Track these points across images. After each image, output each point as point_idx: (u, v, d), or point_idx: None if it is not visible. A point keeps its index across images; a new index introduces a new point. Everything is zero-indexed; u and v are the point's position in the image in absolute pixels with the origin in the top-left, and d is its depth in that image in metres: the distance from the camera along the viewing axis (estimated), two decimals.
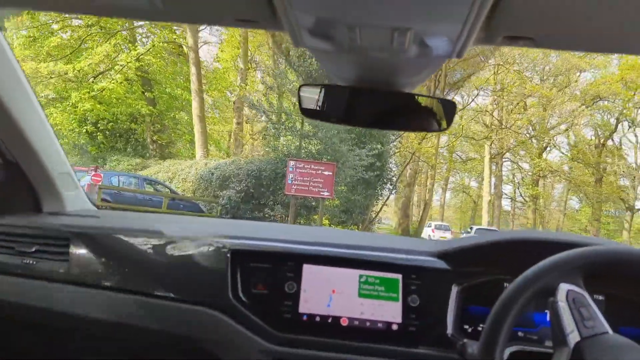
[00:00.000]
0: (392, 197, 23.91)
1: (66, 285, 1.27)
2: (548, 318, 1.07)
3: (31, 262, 1.31)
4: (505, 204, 44.53)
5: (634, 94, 31.51)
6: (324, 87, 0.96)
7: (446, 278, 1.18)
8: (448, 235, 25.75)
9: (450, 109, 0.95)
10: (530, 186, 34.53)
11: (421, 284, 1.17)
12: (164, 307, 1.19)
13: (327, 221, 15.26)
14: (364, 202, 15.98)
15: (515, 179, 45.25)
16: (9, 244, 1.36)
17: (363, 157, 13.70)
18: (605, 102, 32.61)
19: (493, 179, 29.62)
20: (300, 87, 0.97)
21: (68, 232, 1.32)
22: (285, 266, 1.19)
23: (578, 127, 34.66)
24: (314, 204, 13.49)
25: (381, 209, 20.14)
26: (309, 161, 12.10)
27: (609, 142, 35.30)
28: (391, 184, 18.49)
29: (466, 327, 1.16)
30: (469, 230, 23.39)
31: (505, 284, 1.14)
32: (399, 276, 1.18)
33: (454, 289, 1.16)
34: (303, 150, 13.63)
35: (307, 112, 0.98)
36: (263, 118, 14.96)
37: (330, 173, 11.56)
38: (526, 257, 0.90)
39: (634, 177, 36.82)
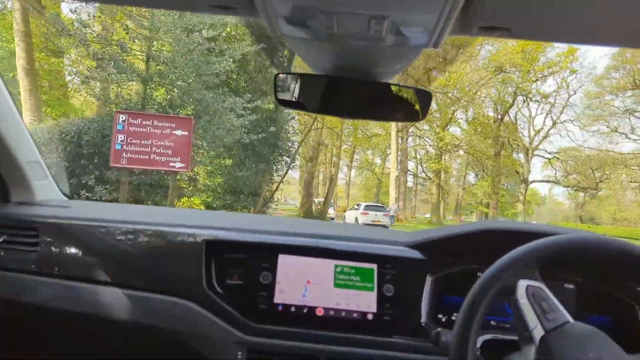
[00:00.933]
0: (295, 174, 20.63)
1: (35, 276, 1.23)
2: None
3: None
4: (408, 180, 43.88)
5: (532, 66, 31.45)
6: (300, 76, 0.96)
7: (420, 268, 1.19)
8: (331, 211, 24.93)
9: (426, 98, 0.96)
10: (436, 160, 33.11)
11: (396, 274, 1.19)
12: (137, 298, 1.17)
13: (201, 207, 11.23)
14: (255, 180, 12.27)
15: (418, 155, 44.85)
16: None
17: (239, 109, 9.50)
18: (505, 75, 32.24)
19: (399, 155, 27.31)
20: (275, 75, 0.95)
21: (37, 222, 1.28)
22: (260, 257, 1.18)
23: (479, 101, 34.02)
24: (169, 180, 9.04)
25: (277, 187, 16.45)
26: (150, 114, 7.92)
27: (506, 118, 35.37)
28: (289, 157, 14.84)
29: (440, 316, 1.17)
30: (356, 207, 21.84)
31: (478, 274, 1.13)
32: (374, 266, 1.19)
33: (428, 279, 1.18)
34: (150, 102, 9.27)
35: (283, 102, 0.97)
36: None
37: (186, 133, 7.55)
38: (498, 246, 0.90)
39: (528, 151, 37.63)
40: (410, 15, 0.54)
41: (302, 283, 1.16)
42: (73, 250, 1.23)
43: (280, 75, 0.96)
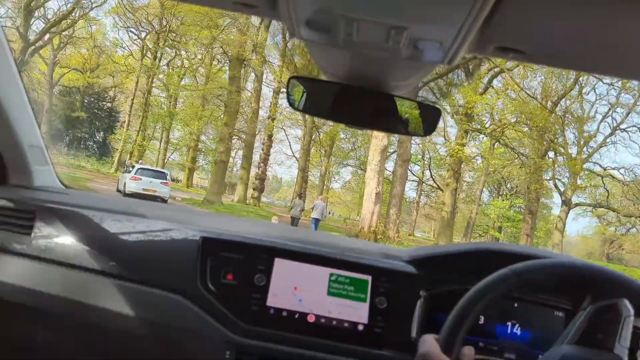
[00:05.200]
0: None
1: (27, 259, 1.23)
2: (509, 330, 1.17)
3: None
4: (409, 188, 33.05)
5: None
6: (314, 81, 1.00)
7: (415, 283, 1.19)
8: None
9: (434, 114, 0.98)
10: (457, 149, 21.09)
11: (390, 287, 1.19)
12: (128, 289, 1.17)
13: None
14: None
15: (427, 154, 33.87)
16: None
17: None
18: None
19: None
20: (290, 78, 0.98)
21: (34, 206, 1.29)
22: (257, 258, 1.18)
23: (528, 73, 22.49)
24: None
25: None
26: None
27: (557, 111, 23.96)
28: None
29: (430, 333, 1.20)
30: (131, 168, 17.65)
31: None
32: (369, 277, 1.19)
33: (422, 295, 1.17)
34: None
35: (294, 104, 1.01)
36: None
37: None
38: (495, 267, 0.87)
39: (575, 162, 26.16)
40: (429, 29, 0.55)
41: (296, 288, 1.17)
42: (68, 236, 1.23)
43: (295, 78, 0.98)
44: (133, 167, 17.57)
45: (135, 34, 30.10)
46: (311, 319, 1.14)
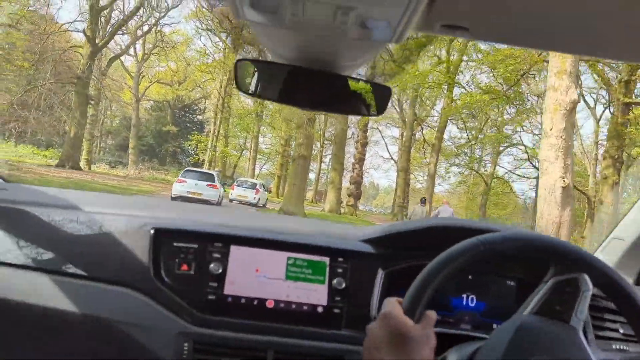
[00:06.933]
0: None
1: None
2: (464, 302, 1.19)
3: None
4: (529, 187, 27.54)
5: None
6: (261, 63, 1.00)
7: (372, 262, 1.20)
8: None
9: (385, 94, 0.99)
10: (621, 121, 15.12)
11: (348, 267, 1.19)
12: (80, 286, 1.11)
13: None
14: None
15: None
16: None
17: None
18: None
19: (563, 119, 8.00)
20: (237, 61, 0.96)
21: None
22: (212, 247, 1.16)
23: None
24: None
25: None
26: None
27: None
28: None
29: None
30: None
31: None
32: (327, 259, 1.19)
33: (380, 273, 1.18)
34: None
35: (242, 88, 0.99)
36: None
37: None
38: (452, 242, 0.86)
39: None
40: (375, 8, 0.55)
41: (253, 275, 1.15)
42: (10, 234, 1.15)
43: (242, 61, 0.96)
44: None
45: (216, 35, 28.40)
46: (270, 304, 1.13)
